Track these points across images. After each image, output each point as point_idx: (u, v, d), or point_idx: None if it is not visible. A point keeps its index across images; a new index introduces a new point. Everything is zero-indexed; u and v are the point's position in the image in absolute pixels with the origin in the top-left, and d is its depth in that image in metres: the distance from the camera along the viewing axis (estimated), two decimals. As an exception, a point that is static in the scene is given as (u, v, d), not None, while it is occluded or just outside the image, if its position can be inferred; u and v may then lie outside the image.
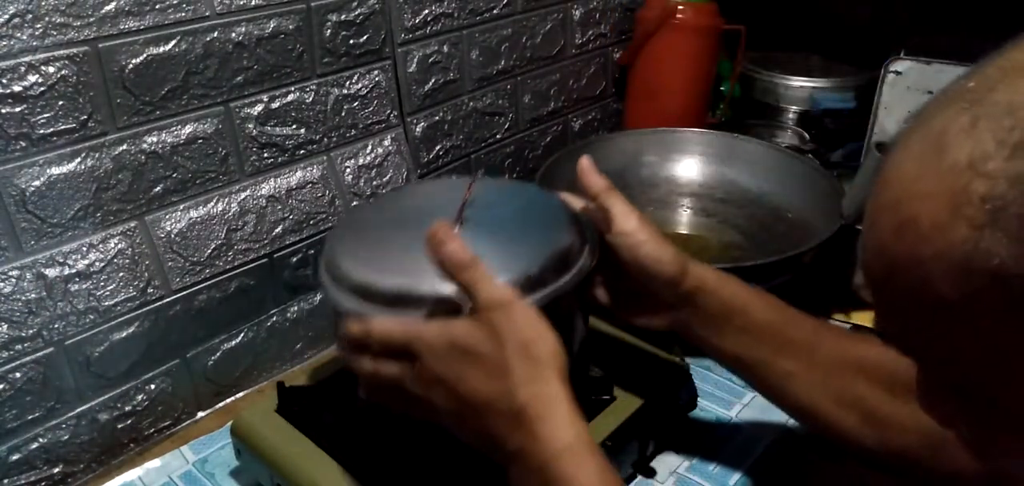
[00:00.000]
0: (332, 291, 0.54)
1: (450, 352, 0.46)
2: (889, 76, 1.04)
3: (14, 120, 0.59)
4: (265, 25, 0.73)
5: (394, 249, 0.56)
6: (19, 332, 0.62)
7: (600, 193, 0.58)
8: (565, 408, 0.45)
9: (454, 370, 0.46)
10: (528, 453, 0.44)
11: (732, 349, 0.58)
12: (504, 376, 0.45)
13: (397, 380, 0.48)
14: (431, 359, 0.46)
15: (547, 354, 0.46)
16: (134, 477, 0.69)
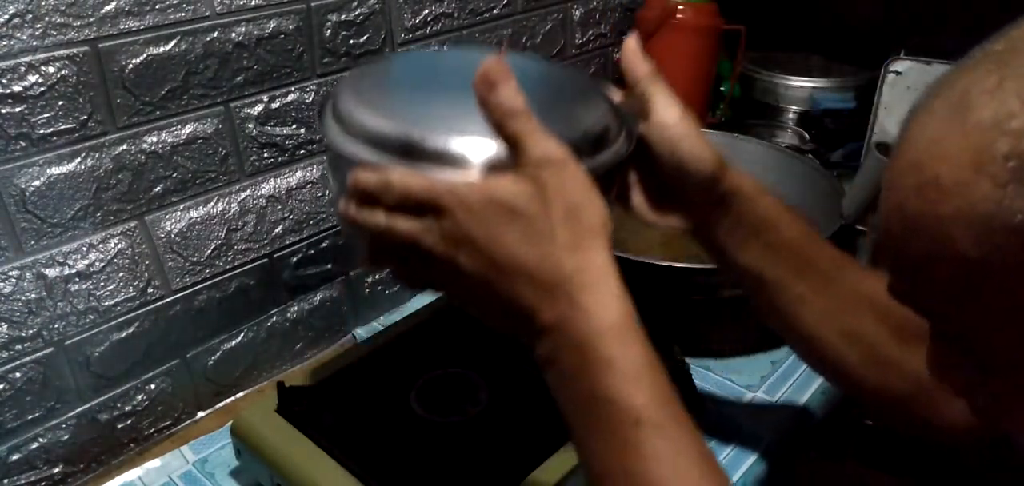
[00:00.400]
0: (338, 137, 0.48)
1: (486, 208, 0.41)
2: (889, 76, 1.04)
3: (14, 120, 0.59)
4: (265, 25, 0.73)
5: (415, 100, 0.49)
6: (19, 332, 0.62)
7: (643, 78, 0.54)
8: (613, 283, 0.41)
9: (489, 229, 0.41)
10: (567, 326, 0.40)
11: (752, 263, 0.55)
12: (548, 240, 0.40)
13: (414, 238, 0.43)
14: (463, 214, 0.41)
15: (598, 222, 0.42)
16: (134, 477, 0.69)
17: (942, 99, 0.31)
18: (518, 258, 0.40)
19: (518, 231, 0.40)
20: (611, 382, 0.39)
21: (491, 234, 0.41)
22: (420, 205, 0.42)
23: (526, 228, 0.40)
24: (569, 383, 0.41)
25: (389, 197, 0.43)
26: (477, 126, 0.44)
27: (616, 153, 0.49)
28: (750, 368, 0.78)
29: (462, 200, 0.41)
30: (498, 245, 0.41)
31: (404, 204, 0.43)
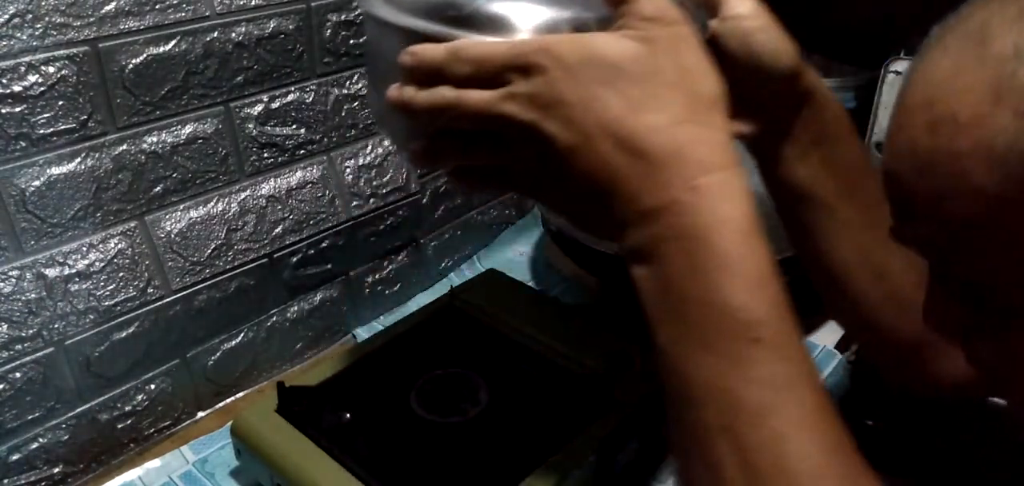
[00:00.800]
0: (383, 7, 0.42)
1: (588, 66, 0.35)
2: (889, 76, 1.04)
3: (14, 120, 0.59)
4: (265, 25, 0.73)
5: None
6: (19, 332, 0.62)
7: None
8: (735, 169, 0.35)
9: (589, 90, 0.35)
10: (677, 213, 0.34)
11: (807, 178, 0.50)
12: (658, 107, 0.35)
13: (490, 109, 0.37)
14: (557, 73, 0.35)
15: (714, 93, 0.36)
16: (134, 477, 0.69)
17: (957, 34, 0.31)
18: (620, 125, 0.34)
19: (621, 94, 0.35)
20: (729, 287, 0.33)
21: (589, 95, 0.35)
22: (501, 70, 0.37)
23: (631, 91, 0.35)
24: (672, 282, 0.34)
25: (460, 68, 0.37)
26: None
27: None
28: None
29: (557, 57, 0.35)
30: (596, 108, 0.35)
31: (478, 74, 0.37)
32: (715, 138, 0.35)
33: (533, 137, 0.36)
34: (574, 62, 0.35)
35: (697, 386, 0.34)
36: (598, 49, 0.35)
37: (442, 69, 0.38)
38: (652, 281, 0.35)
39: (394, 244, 0.91)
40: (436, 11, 0.41)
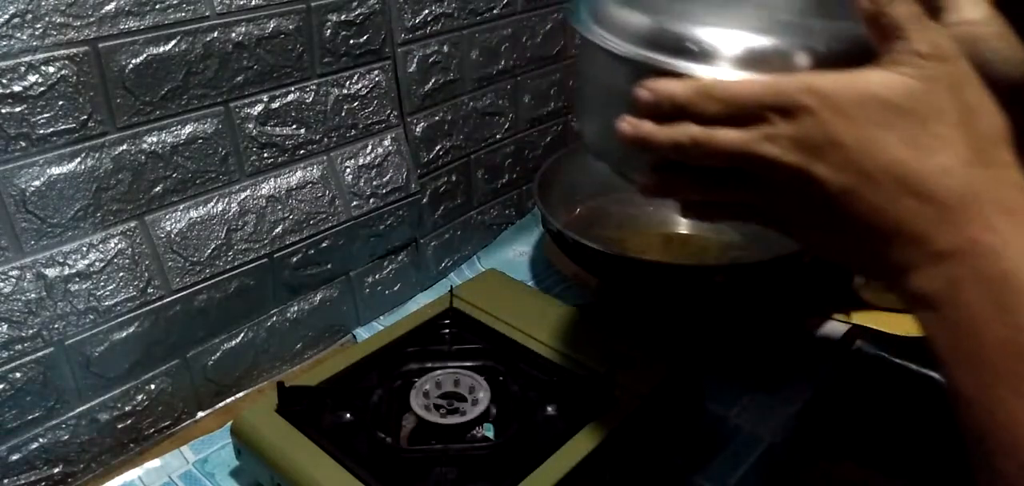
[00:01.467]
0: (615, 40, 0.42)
1: (863, 106, 0.34)
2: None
3: (14, 120, 0.59)
4: (265, 25, 0.73)
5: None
6: (19, 332, 0.62)
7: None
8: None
9: (866, 131, 0.34)
10: (978, 254, 0.32)
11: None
12: (945, 148, 0.33)
13: (746, 150, 0.36)
14: (827, 114, 0.34)
15: (999, 130, 0.34)
16: (134, 477, 0.69)
17: None
18: (905, 167, 0.33)
19: (902, 135, 0.33)
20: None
21: (866, 136, 0.33)
22: (757, 109, 0.35)
23: (913, 132, 0.33)
24: (975, 325, 0.33)
25: (709, 106, 0.36)
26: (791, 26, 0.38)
27: None
28: (750, 368, 0.78)
29: (826, 97, 0.34)
30: (875, 150, 0.33)
31: (729, 113, 0.36)
32: (1008, 177, 0.34)
33: (797, 179, 0.35)
34: (846, 102, 0.34)
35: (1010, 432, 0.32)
36: (872, 88, 0.34)
37: (687, 107, 0.37)
38: (947, 325, 0.34)
39: (394, 244, 0.91)
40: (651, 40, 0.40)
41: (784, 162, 0.35)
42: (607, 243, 0.79)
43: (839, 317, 0.86)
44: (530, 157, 1.09)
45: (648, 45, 0.41)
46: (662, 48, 0.40)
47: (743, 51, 0.38)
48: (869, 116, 0.34)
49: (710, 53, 0.39)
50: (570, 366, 0.69)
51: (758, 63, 0.38)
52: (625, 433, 0.62)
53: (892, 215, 0.34)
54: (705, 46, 0.39)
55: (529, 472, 0.57)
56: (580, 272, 0.84)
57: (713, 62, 0.39)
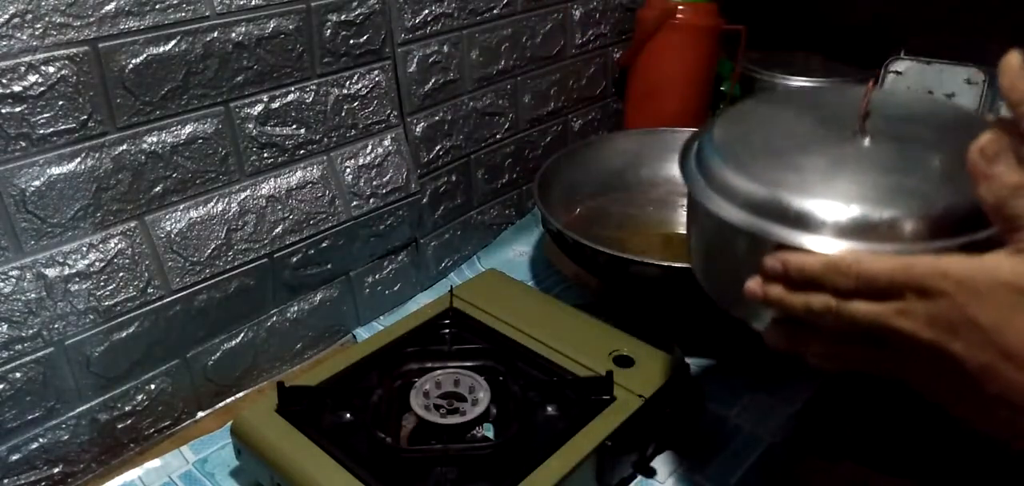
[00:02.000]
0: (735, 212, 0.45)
1: (997, 292, 0.37)
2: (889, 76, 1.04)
3: (14, 120, 0.59)
4: (265, 25, 0.73)
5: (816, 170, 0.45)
6: (19, 332, 0.62)
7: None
8: None
9: (1003, 315, 0.37)
10: None
11: None
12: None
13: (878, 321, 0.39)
14: (966, 298, 0.37)
15: None
16: (134, 477, 0.69)
17: None
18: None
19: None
20: None
21: (1003, 318, 0.37)
22: (889, 289, 0.39)
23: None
24: None
25: (841, 281, 0.40)
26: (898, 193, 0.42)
27: None
28: (750, 368, 0.78)
29: (960, 281, 0.38)
30: (1012, 331, 0.37)
31: (861, 289, 0.40)
32: None
33: (932, 352, 0.38)
34: (982, 286, 0.37)
35: None
36: (1003, 275, 0.37)
37: (818, 280, 0.41)
38: None
39: (394, 244, 0.91)
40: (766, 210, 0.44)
41: (921, 337, 0.38)
42: (607, 243, 0.79)
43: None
44: (530, 157, 1.09)
45: (763, 215, 0.44)
46: (777, 218, 0.43)
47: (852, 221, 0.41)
48: (1002, 300, 0.37)
49: (823, 224, 0.42)
50: (570, 366, 0.69)
51: (869, 233, 0.41)
52: (625, 433, 0.62)
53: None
54: (817, 218, 0.42)
55: (529, 472, 0.57)
56: (580, 272, 0.84)
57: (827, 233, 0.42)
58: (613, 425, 0.62)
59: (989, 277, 0.37)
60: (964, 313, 0.37)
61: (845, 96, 0.51)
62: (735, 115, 0.54)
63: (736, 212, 0.45)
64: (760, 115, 0.55)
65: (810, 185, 0.44)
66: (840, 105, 0.50)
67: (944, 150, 0.45)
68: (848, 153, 0.46)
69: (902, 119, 0.49)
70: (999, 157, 0.39)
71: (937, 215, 0.41)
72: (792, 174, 0.45)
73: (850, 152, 0.46)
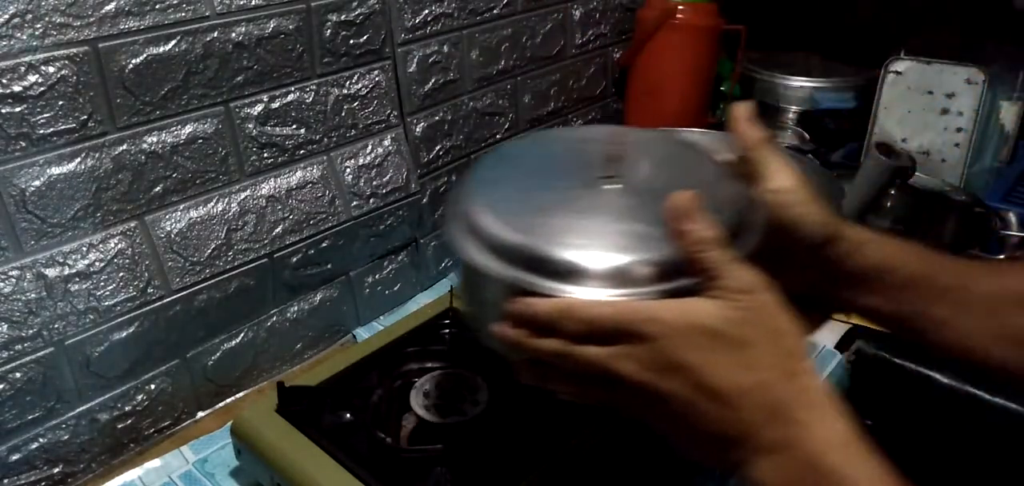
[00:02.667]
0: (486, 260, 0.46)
1: (695, 335, 0.41)
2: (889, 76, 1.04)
3: (14, 120, 0.59)
4: (265, 25, 0.73)
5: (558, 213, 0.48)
6: (19, 332, 0.62)
7: (756, 145, 0.52)
8: (830, 401, 0.41)
9: (700, 356, 0.41)
10: (791, 444, 0.40)
11: (881, 306, 0.54)
12: (760, 367, 0.41)
13: (603, 365, 0.43)
14: (670, 341, 0.41)
15: (799, 346, 0.42)
16: (134, 477, 0.69)
17: None
18: (733, 383, 0.41)
19: (729, 357, 0.41)
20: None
21: (703, 360, 0.41)
22: (610, 333, 0.42)
23: (737, 354, 0.41)
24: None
25: (571, 327, 0.43)
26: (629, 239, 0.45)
27: (758, 230, 0.49)
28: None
29: (667, 327, 0.41)
30: (709, 370, 0.41)
31: (589, 333, 0.43)
32: (808, 383, 0.41)
33: (648, 391, 0.42)
34: (684, 330, 0.41)
35: None
36: (702, 318, 0.41)
37: (553, 325, 0.43)
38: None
39: (394, 244, 0.91)
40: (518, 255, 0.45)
41: (636, 379, 0.42)
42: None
43: (839, 317, 0.86)
44: (530, 157, 1.09)
45: (508, 260, 0.46)
46: (520, 264, 0.45)
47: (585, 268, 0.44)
48: (702, 343, 0.41)
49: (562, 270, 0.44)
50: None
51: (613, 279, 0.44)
52: (625, 433, 0.62)
53: (727, 421, 0.41)
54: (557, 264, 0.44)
55: (529, 472, 0.57)
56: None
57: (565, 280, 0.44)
58: (613, 425, 0.62)
59: (689, 322, 0.41)
60: (670, 356, 0.41)
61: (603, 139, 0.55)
62: (498, 157, 0.57)
63: (482, 256, 0.47)
64: (519, 158, 0.57)
65: (552, 231, 0.46)
66: (596, 149, 0.54)
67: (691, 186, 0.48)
68: (592, 199, 0.49)
69: (650, 163, 0.53)
70: (690, 215, 0.43)
71: (662, 261, 0.44)
72: (538, 220, 0.47)
73: (594, 198, 0.49)
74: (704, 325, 0.41)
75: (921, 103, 1.02)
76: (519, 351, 0.46)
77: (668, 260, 0.44)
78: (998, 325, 0.53)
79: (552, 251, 0.45)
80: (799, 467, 0.40)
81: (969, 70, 0.98)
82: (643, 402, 0.43)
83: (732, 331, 0.41)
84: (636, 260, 0.44)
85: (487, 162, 0.56)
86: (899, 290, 0.54)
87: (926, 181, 0.95)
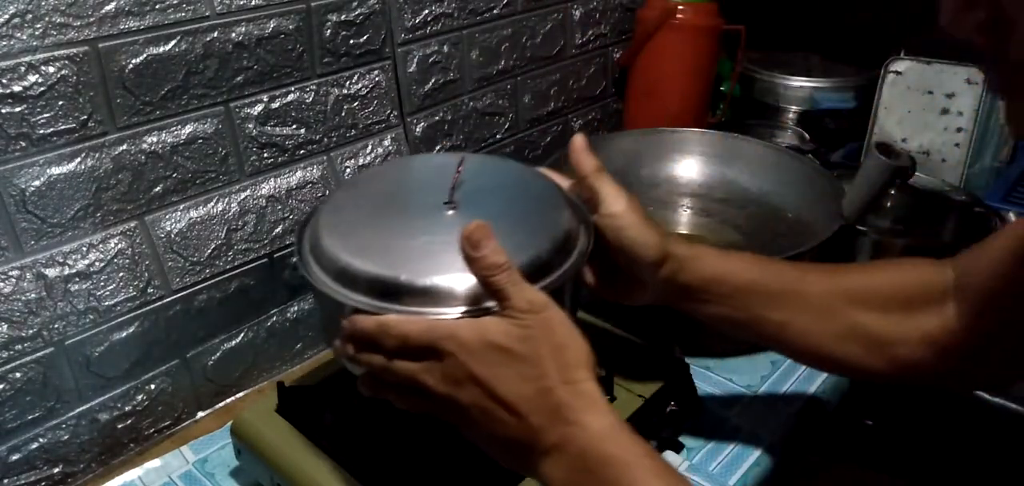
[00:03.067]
0: (324, 280, 0.52)
1: (486, 351, 0.46)
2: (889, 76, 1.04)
3: (14, 120, 0.59)
4: (265, 25, 0.73)
5: (393, 236, 0.53)
6: (19, 332, 0.62)
7: (590, 174, 0.58)
8: (603, 402, 0.47)
9: (490, 369, 0.46)
10: (569, 440, 0.45)
11: (721, 313, 0.59)
12: (543, 377, 0.46)
13: (414, 378, 0.48)
14: (464, 357, 0.46)
15: (581, 357, 0.47)
16: (134, 477, 0.69)
17: None
18: (519, 393, 0.46)
19: (515, 370, 0.46)
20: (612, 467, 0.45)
21: (494, 373, 0.46)
22: (419, 349, 0.47)
23: (522, 367, 0.46)
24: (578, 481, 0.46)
25: (388, 342, 0.48)
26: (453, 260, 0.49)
27: (582, 252, 0.55)
28: (750, 368, 0.78)
29: (464, 343, 0.46)
30: (500, 383, 0.46)
31: (404, 348, 0.48)
32: (586, 388, 0.46)
33: (451, 402, 0.47)
34: (477, 347, 0.46)
35: None
36: (491, 335, 0.46)
37: (374, 340, 0.49)
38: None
39: (394, 244, 0.91)
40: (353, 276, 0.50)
41: (439, 391, 0.47)
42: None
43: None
44: (530, 157, 1.09)
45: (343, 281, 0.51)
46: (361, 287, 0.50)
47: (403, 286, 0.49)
48: (492, 358, 0.46)
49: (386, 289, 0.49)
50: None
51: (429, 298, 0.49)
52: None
53: (518, 428, 0.46)
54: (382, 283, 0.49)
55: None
56: (580, 272, 0.84)
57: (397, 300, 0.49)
58: (613, 425, 0.62)
59: (482, 339, 0.46)
60: (466, 369, 0.46)
61: (452, 166, 0.58)
62: (351, 183, 0.62)
63: (324, 277, 0.52)
64: (370, 185, 0.62)
65: (386, 253, 0.51)
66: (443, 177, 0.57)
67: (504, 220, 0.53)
68: (430, 223, 0.54)
69: (489, 190, 0.58)
70: (482, 242, 0.47)
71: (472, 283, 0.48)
72: (376, 243, 0.52)
73: (432, 223, 0.54)
74: (494, 341, 0.46)
75: (921, 103, 1.02)
76: (353, 364, 0.51)
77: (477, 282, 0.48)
78: (836, 324, 0.57)
79: (379, 272, 0.50)
80: (579, 459, 0.45)
81: (969, 70, 0.98)
82: (451, 412, 0.48)
83: (518, 346, 0.46)
84: (446, 281, 0.49)
85: (340, 189, 0.60)
86: (733, 298, 0.59)
87: (926, 181, 0.95)
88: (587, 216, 0.58)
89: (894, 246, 0.85)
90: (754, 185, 0.99)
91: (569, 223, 0.55)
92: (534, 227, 0.54)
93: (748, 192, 0.99)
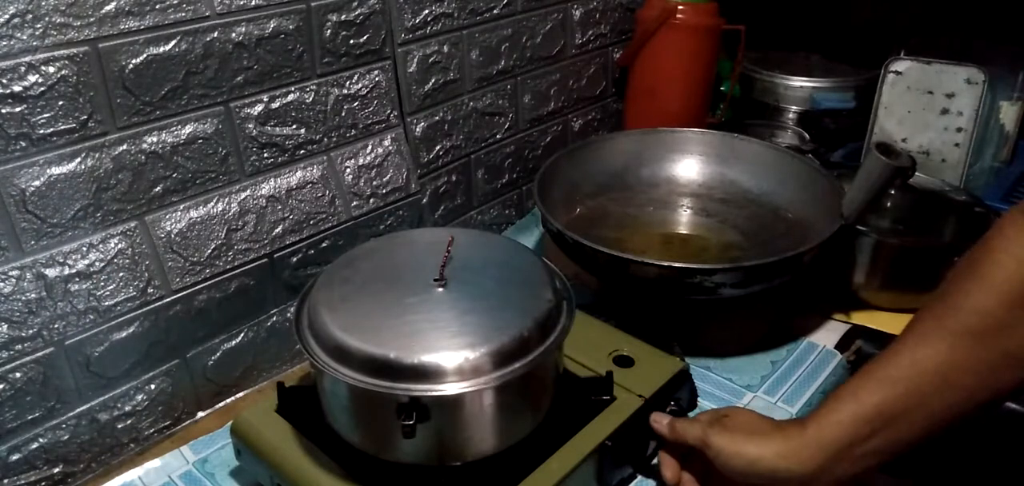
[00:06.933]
0: (332, 365, 0.56)
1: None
2: (889, 76, 1.04)
3: (14, 120, 0.59)
4: (265, 25, 0.73)
5: (386, 315, 0.57)
6: (19, 332, 0.62)
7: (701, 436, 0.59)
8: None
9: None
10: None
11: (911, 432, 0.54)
12: None
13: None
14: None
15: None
16: (134, 477, 0.69)
17: None
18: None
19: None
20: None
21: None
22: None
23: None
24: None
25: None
26: (440, 338, 0.54)
27: (563, 329, 0.59)
28: (750, 368, 0.78)
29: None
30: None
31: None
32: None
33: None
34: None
35: None
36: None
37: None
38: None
39: (394, 244, 0.91)
40: (369, 360, 0.54)
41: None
42: (607, 243, 0.79)
43: (839, 317, 0.86)
44: (530, 157, 1.09)
45: (336, 358, 0.55)
46: (353, 364, 0.54)
47: (411, 366, 0.53)
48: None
49: (393, 370, 0.53)
50: (570, 366, 0.69)
51: (421, 376, 0.53)
52: (625, 433, 0.62)
53: None
54: (390, 365, 0.53)
55: (529, 472, 0.57)
56: (580, 272, 0.84)
57: (391, 378, 0.53)
58: (613, 425, 0.62)
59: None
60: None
61: (441, 242, 0.63)
62: (348, 258, 0.65)
63: (324, 356, 0.56)
64: (363, 261, 0.65)
65: (374, 331, 0.55)
66: (433, 253, 0.62)
67: (491, 299, 0.59)
68: (419, 303, 0.58)
69: (476, 268, 0.62)
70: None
71: (459, 360, 0.53)
72: (367, 320, 0.56)
73: (421, 301, 0.58)
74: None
75: (921, 103, 1.02)
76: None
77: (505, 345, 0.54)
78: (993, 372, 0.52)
79: (372, 350, 0.54)
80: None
81: (969, 70, 0.98)
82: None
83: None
84: (434, 359, 0.53)
85: (337, 263, 0.64)
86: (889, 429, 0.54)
87: (926, 181, 0.95)
88: (570, 293, 0.62)
89: (894, 246, 0.85)
90: (754, 185, 0.99)
91: (549, 302, 0.59)
92: (518, 307, 0.58)
93: (748, 192, 0.99)
